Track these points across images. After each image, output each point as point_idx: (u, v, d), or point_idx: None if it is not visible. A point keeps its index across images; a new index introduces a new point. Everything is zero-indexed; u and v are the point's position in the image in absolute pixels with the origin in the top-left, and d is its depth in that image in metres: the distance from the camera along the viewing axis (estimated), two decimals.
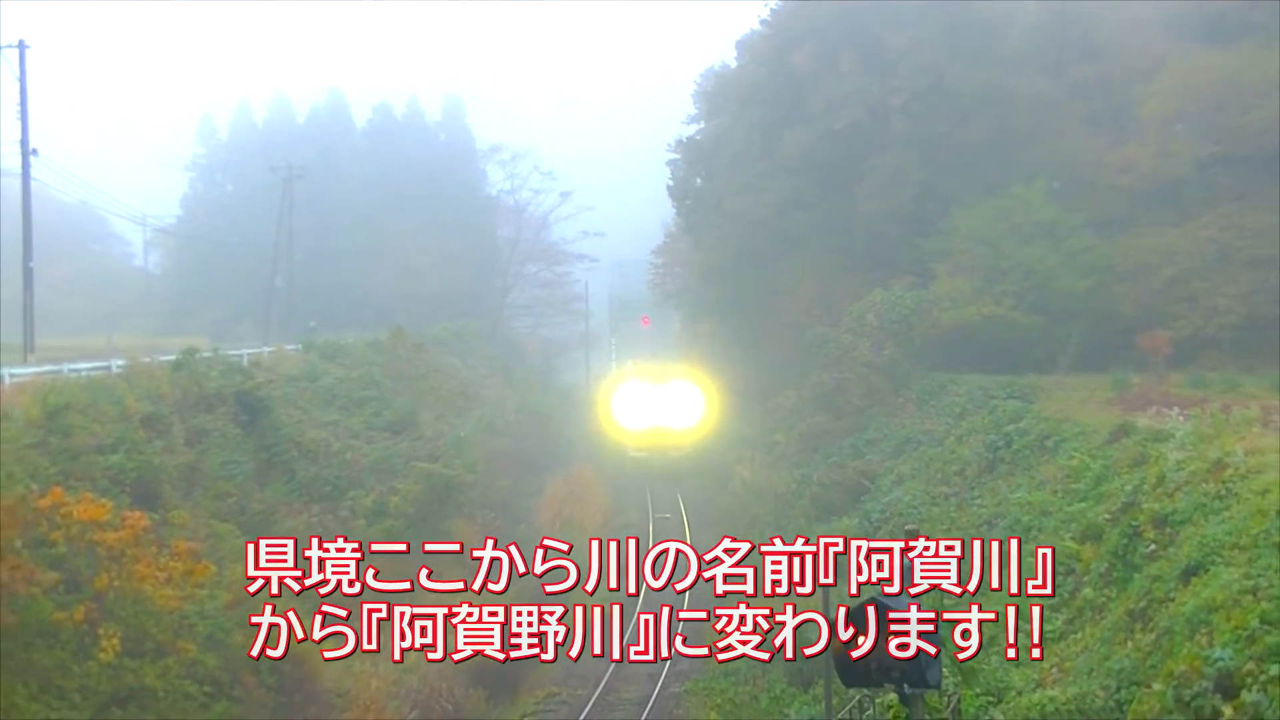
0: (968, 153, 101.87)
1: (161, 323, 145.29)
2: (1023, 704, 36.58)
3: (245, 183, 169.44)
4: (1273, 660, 27.89)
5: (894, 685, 22.38)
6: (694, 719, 50.20)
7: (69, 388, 60.44)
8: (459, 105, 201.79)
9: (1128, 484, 48.40)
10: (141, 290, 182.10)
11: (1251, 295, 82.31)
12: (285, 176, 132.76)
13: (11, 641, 39.91)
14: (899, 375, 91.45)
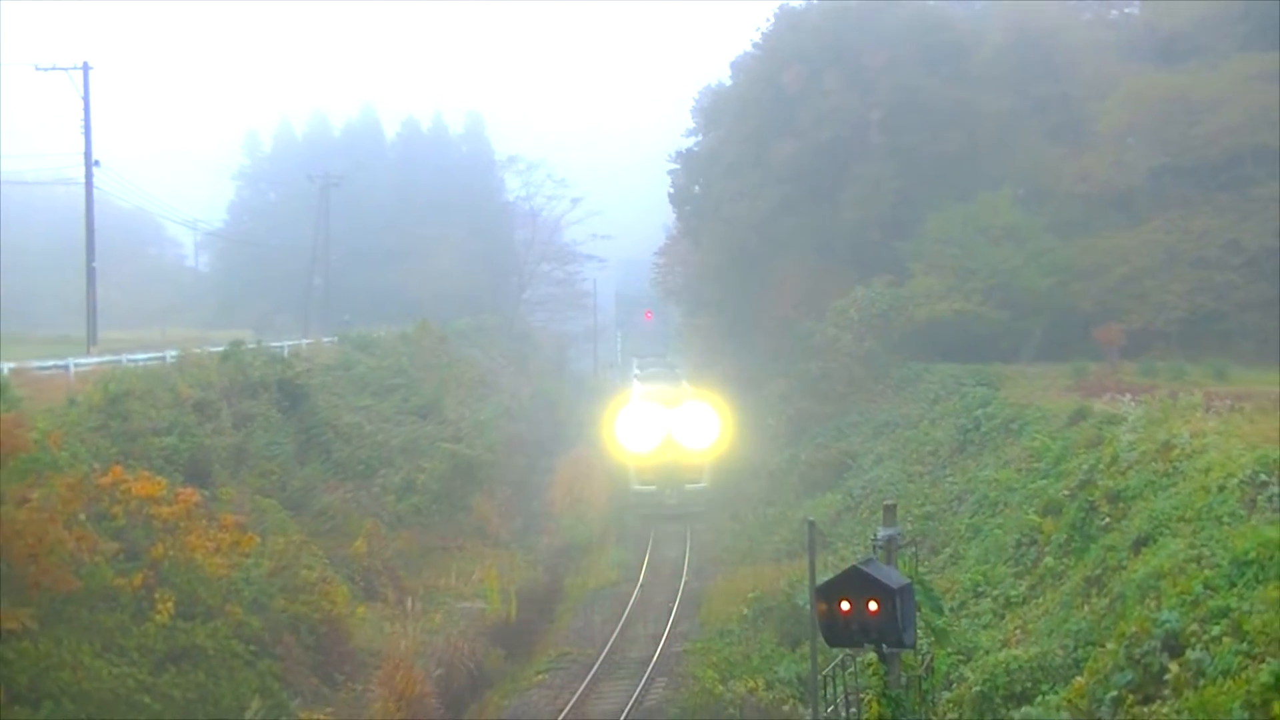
0: (940, 163, 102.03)
1: (210, 317, 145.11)
2: (990, 662, 36.67)
3: (286, 191, 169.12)
4: (1214, 622, 27.95)
5: (873, 645, 22.40)
6: (694, 674, 50.08)
7: (128, 376, 60.46)
8: (479, 120, 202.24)
9: (1085, 463, 48.55)
10: (192, 288, 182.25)
11: (1196, 292, 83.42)
12: (322, 185, 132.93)
13: (78, 604, 39.95)
14: (878, 365, 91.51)
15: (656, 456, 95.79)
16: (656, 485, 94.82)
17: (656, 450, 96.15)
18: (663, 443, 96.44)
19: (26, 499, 39.14)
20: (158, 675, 40.15)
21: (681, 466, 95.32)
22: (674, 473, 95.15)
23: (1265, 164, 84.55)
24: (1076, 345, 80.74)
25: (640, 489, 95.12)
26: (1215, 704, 24.17)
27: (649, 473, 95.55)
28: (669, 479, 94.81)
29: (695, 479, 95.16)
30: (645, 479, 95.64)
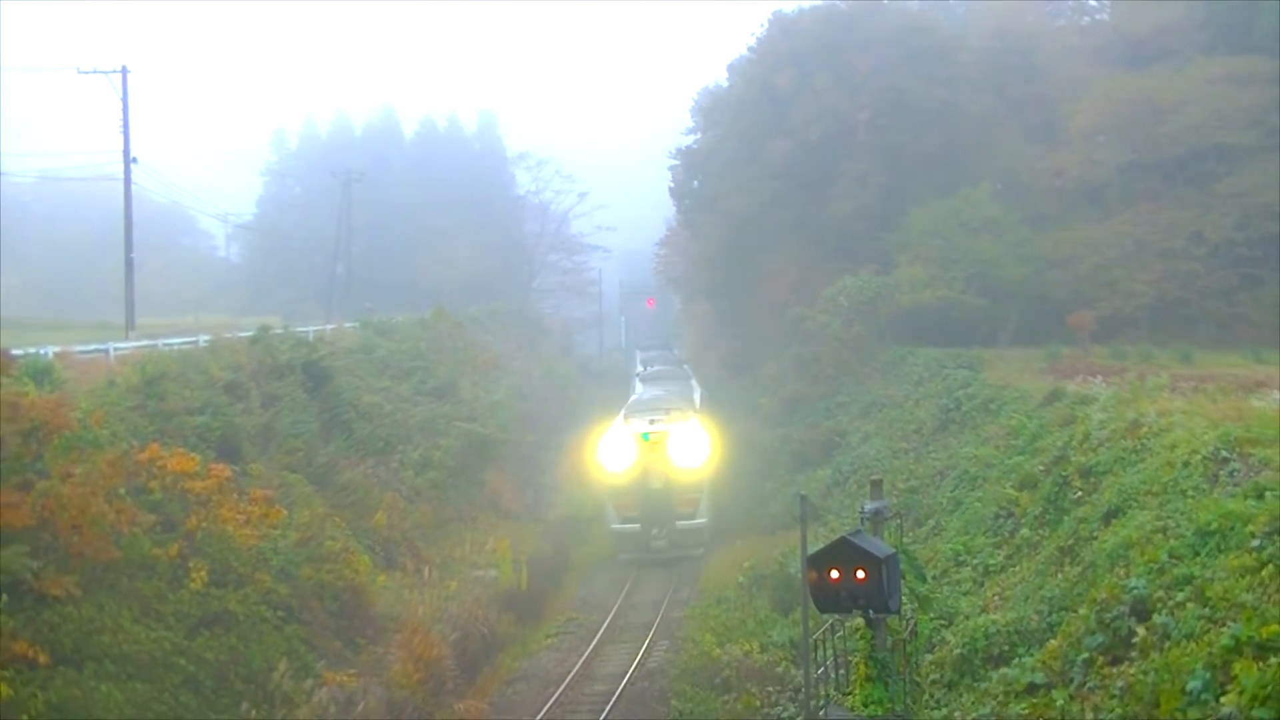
0: (923, 160, 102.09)
1: (240, 305, 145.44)
2: (969, 626, 36.74)
3: (311, 186, 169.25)
4: (1179, 589, 28.00)
5: (861, 611, 22.44)
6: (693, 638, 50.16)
7: (163, 359, 60.47)
8: (492, 120, 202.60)
9: (1059, 440, 48.59)
10: (223, 277, 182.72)
11: (1162, 281, 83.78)
12: (345, 181, 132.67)
13: (118, 573, 40.00)
14: (865, 349, 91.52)
15: (640, 485, 73.82)
16: (641, 523, 73.42)
17: (641, 477, 74.02)
18: (649, 468, 74.06)
19: (70, 474, 39.22)
20: (192, 639, 40.24)
21: (672, 498, 73.71)
22: (662, 506, 73.51)
23: (1226, 161, 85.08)
24: (1051, 330, 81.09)
25: (620, 528, 74.13)
26: (1179, 665, 24.23)
27: (631, 507, 73.74)
28: (656, 514, 73.55)
29: (689, 514, 73.50)
30: (626, 514, 74.16)
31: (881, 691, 22.91)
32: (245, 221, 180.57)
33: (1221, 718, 21.22)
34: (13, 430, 39.01)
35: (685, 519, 73.82)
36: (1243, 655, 22.55)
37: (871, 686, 23.04)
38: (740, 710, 42.39)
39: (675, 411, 79.55)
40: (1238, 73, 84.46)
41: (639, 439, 75.38)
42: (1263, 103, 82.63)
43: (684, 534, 73.87)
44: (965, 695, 33.68)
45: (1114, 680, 26.95)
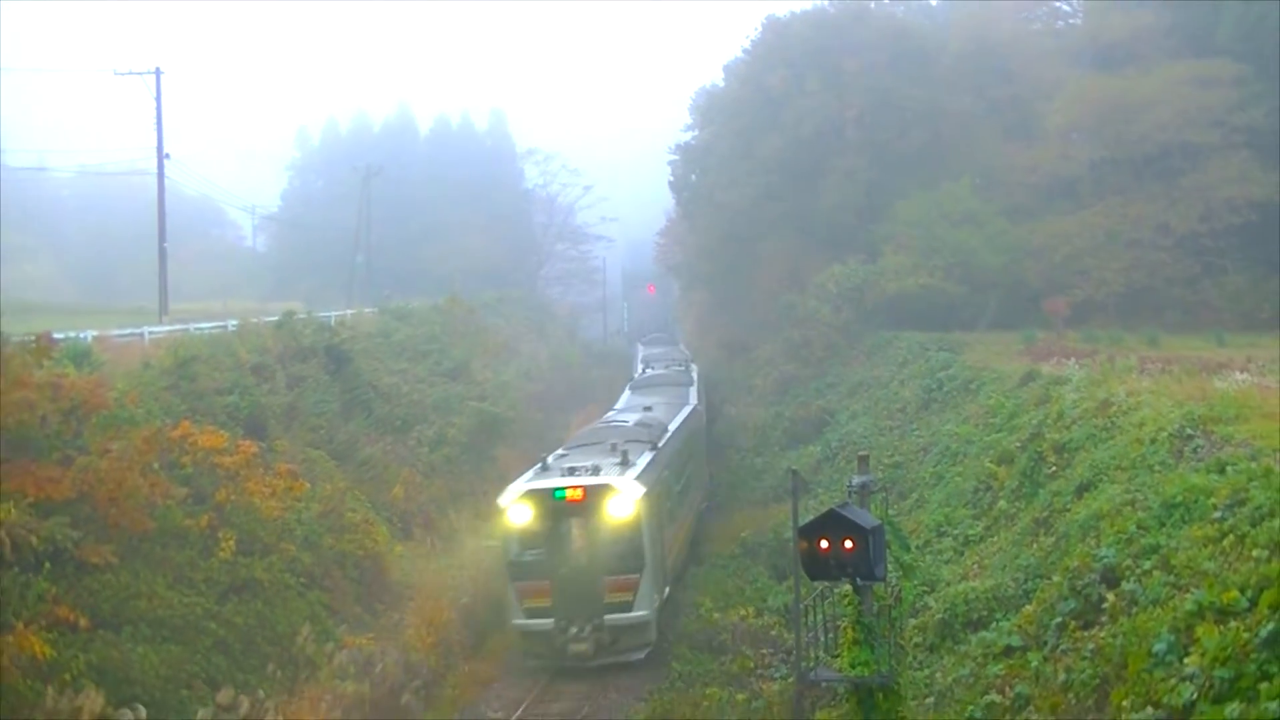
0: (907, 156, 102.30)
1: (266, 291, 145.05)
2: (951, 593, 36.81)
3: (332, 180, 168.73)
4: (1146, 557, 28.06)
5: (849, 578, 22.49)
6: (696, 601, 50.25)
7: (195, 343, 60.51)
8: (502, 117, 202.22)
9: (1034, 419, 48.60)
10: (250, 266, 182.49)
11: (1131, 269, 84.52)
12: (364, 175, 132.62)
13: (152, 542, 40.10)
14: (853, 333, 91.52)
15: (553, 563, 48.06)
16: (555, 616, 47.74)
17: (554, 552, 48.21)
18: (566, 538, 48.30)
19: (108, 450, 39.34)
20: (221, 604, 40.40)
21: (599, 583, 47.86)
22: (585, 594, 47.81)
23: (1190, 157, 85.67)
24: (1027, 315, 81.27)
25: (524, 624, 48.43)
26: (1146, 629, 24.27)
27: (540, 595, 48.07)
28: (576, 605, 47.79)
29: (623, 603, 47.77)
30: (533, 605, 48.23)
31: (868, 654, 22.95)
32: (271, 213, 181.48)
33: (1185, 677, 21.28)
34: (54, 409, 39.13)
35: (618, 611, 47.22)
36: (1205, 620, 22.60)
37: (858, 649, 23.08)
38: (736, 671, 42.52)
39: (612, 460, 50.03)
40: (1202, 75, 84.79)
41: (548, 499, 47.62)
42: (1225, 103, 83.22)
43: (616, 633, 47.37)
44: (946, 657, 33.75)
45: (1085, 643, 27.00)
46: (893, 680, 23.15)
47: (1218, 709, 18.73)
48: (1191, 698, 20.61)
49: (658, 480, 50.89)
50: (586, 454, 52.66)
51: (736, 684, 41.16)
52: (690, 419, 70.63)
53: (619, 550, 47.49)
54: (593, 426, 65.45)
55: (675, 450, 59.99)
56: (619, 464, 49.70)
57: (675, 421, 65.91)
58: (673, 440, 60.56)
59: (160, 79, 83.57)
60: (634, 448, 52.66)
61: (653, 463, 51.50)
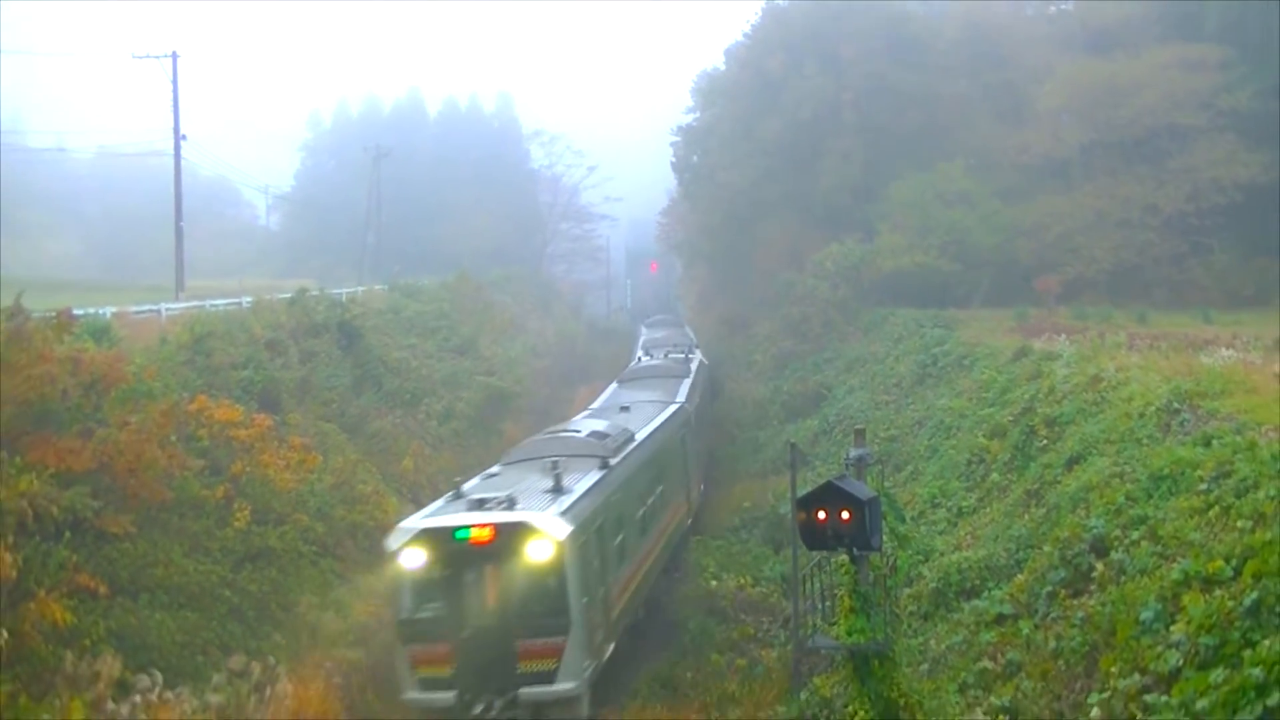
0: (903, 138, 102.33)
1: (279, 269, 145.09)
2: (944, 563, 36.87)
3: (344, 161, 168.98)
4: (1134, 528, 28.11)
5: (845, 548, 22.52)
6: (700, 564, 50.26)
7: (210, 319, 60.61)
8: (509, 100, 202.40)
9: (1026, 393, 48.69)
10: (264, 244, 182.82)
11: (1120, 248, 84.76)
12: (375, 156, 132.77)
13: (169, 512, 40.22)
14: (850, 310, 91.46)
15: (457, 622, 35.55)
16: (459, 689, 35.15)
17: (458, 609, 35.75)
18: (474, 592, 36.08)
19: (127, 423, 39.43)
20: (237, 572, 40.50)
21: (514, 647, 35.24)
22: (497, 660, 35.26)
23: (1178, 139, 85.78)
24: (1019, 293, 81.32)
25: (421, 698, 35.68)
26: (1134, 597, 24.33)
27: (440, 661, 35.42)
28: (485, 675, 35.52)
29: (544, 672, 35.33)
30: (432, 675, 35.59)
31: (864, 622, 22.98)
32: (284, 193, 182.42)
33: (1172, 644, 21.33)
34: (75, 383, 39.23)
35: (537, 683, 35.04)
36: (1191, 588, 22.65)
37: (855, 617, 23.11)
38: (736, 638, 42.58)
39: (542, 487, 37.96)
40: (1189, 60, 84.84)
41: (448, 540, 35.23)
42: (1211, 87, 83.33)
43: (536, 710, 35.23)
44: (940, 625, 33.80)
45: (1075, 611, 27.06)
46: (888, 647, 23.20)
47: (1203, 675, 18.78)
48: (1177, 664, 20.66)
49: (599, 510, 38.09)
50: (516, 477, 39.54)
51: (737, 650, 41.24)
52: (672, 422, 56.62)
53: (539, 605, 34.57)
54: (535, 439, 48.05)
55: (639, 465, 46.21)
56: (550, 491, 36.56)
57: (647, 429, 51.70)
58: (637, 453, 46.89)
59: (176, 63, 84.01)
60: (576, 468, 40.03)
61: (596, 488, 38.86)
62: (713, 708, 35.47)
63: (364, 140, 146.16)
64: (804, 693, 34.30)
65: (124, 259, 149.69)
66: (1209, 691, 17.78)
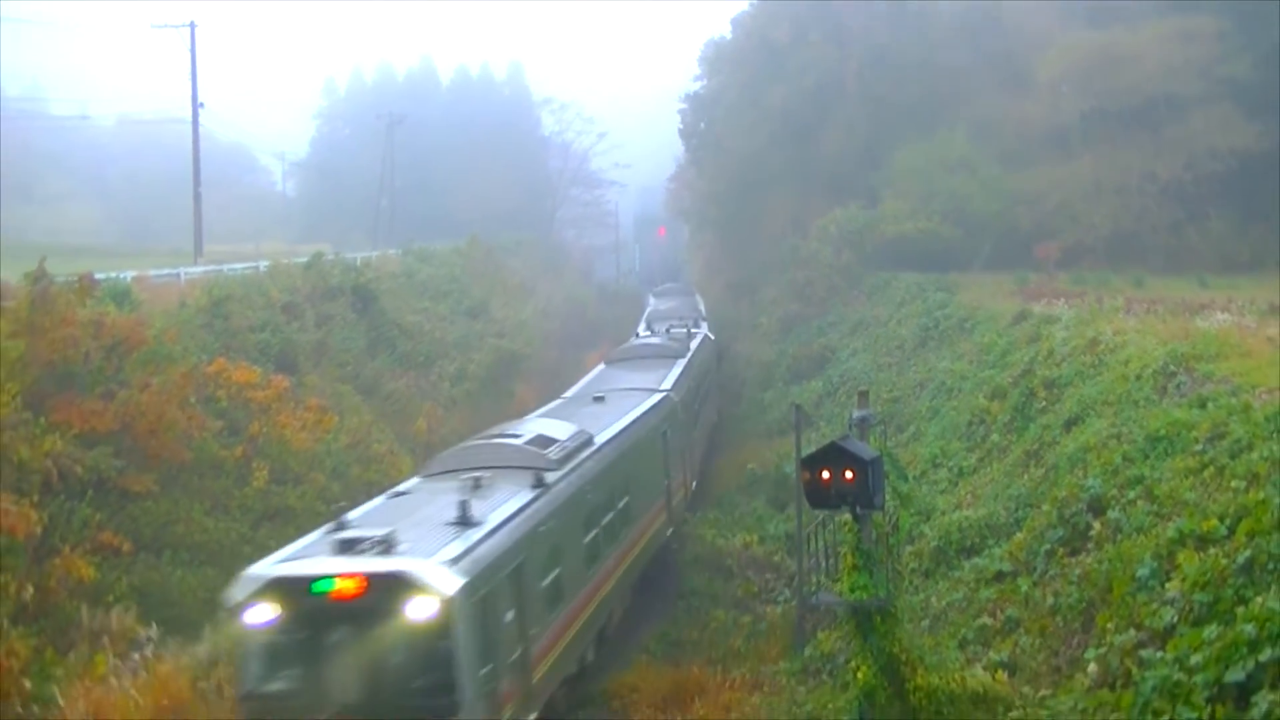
0: (905, 107, 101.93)
1: (296, 234, 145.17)
2: (945, 521, 36.89)
3: (359, 128, 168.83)
4: (1131, 488, 28.15)
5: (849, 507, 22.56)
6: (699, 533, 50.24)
7: (228, 283, 60.96)
8: (520, 68, 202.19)
9: (1025, 356, 48.64)
10: (280, 210, 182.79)
11: (1118, 215, 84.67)
12: (388, 124, 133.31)
13: (190, 472, 40.54)
14: (853, 274, 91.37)
15: (315, 699, 24.89)
16: None
17: (318, 684, 25.10)
18: (338, 658, 25.17)
19: (147, 385, 39.71)
20: (255, 530, 40.78)
21: None
22: None
23: (1175, 108, 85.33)
24: (1019, 258, 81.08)
25: None
26: (1130, 555, 24.39)
27: None
28: None
29: None
30: None
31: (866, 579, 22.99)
32: (300, 160, 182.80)
33: (1166, 601, 21.40)
34: (97, 346, 39.50)
35: None
36: (1185, 546, 22.71)
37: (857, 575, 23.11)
38: (741, 595, 42.68)
39: (443, 519, 28.35)
40: (1186, 30, 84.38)
41: (304, 594, 25.42)
42: (1208, 57, 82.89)
43: None
44: (941, 582, 33.86)
45: (1072, 569, 27.13)
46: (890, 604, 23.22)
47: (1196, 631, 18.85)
48: (1172, 620, 20.73)
49: (519, 547, 28.91)
50: (421, 500, 30.98)
51: (742, 607, 41.35)
52: (650, 416, 46.99)
53: (420, 679, 25.76)
54: (467, 445, 37.59)
55: (592, 478, 36.67)
56: (452, 524, 27.46)
57: (613, 429, 42.17)
58: (592, 462, 37.43)
59: (194, 32, 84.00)
60: (502, 488, 31.26)
61: (519, 516, 29.83)
62: (718, 663, 35.61)
63: (378, 108, 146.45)
64: (808, 648, 34.47)
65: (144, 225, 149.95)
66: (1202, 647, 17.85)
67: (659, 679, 34.14)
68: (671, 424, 49.26)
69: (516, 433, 37.05)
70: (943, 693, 22.95)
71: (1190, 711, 16.34)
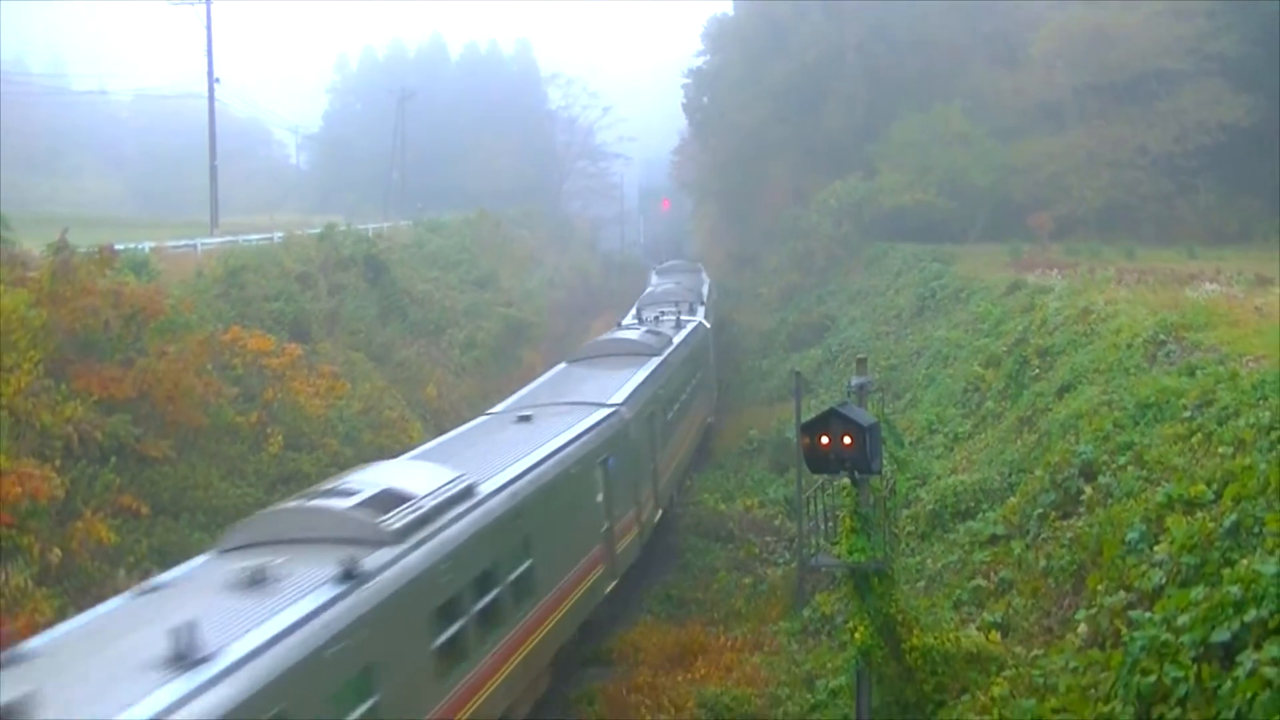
0: (903, 81, 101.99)
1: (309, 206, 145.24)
2: (941, 486, 36.95)
3: (370, 103, 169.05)
4: (1121, 453, 28.14)
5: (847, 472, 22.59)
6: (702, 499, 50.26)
7: (243, 253, 60.94)
8: (527, 45, 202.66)
9: (1019, 325, 48.65)
10: (294, 182, 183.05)
11: (1110, 187, 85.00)
12: (399, 99, 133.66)
13: (206, 438, 40.60)
14: (852, 245, 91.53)
15: None
16: None
17: None
18: None
19: (165, 352, 39.77)
20: (270, 494, 40.74)
21: None
22: None
23: (1166, 83, 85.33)
24: (1013, 229, 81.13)
25: None
26: (1120, 519, 24.40)
27: None
28: None
29: None
30: None
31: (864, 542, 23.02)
32: (313, 134, 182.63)
33: (1155, 563, 21.43)
34: (116, 315, 39.52)
35: None
36: (1174, 511, 22.72)
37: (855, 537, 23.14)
38: (742, 557, 42.76)
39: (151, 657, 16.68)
40: (1177, 7, 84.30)
41: None
42: (1198, 33, 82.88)
43: None
44: (936, 545, 33.93)
45: (1064, 532, 27.15)
46: (887, 566, 23.28)
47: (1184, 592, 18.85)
48: (1160, 582, 20.76)
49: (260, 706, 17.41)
50: (144, 619, 19.07)
51: (743, 569, 41.43)
52: (588, 440, 35.20)
53: None
54: (279, 509, 26.03)
55: (463, 545, 25.11)
56: (160, 667, 16.60)
57: (514, 467, 29.99)
58: (466, 522, 25.70)
59: (210, 8, 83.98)
60: (280, 590, 20.14)
61: (270, 653, 18.12)
62: (720, 623, 35.73)
63: (389, 83, 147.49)
64: (807, 609, 34.60)
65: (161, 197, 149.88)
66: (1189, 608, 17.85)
67: (662, 638, 34.26)
68: (619, 448, 37.65)
69: (351, 488, 24.68)
70: (938, 652, 23.04)
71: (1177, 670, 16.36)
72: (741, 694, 29.13)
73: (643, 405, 41.77)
